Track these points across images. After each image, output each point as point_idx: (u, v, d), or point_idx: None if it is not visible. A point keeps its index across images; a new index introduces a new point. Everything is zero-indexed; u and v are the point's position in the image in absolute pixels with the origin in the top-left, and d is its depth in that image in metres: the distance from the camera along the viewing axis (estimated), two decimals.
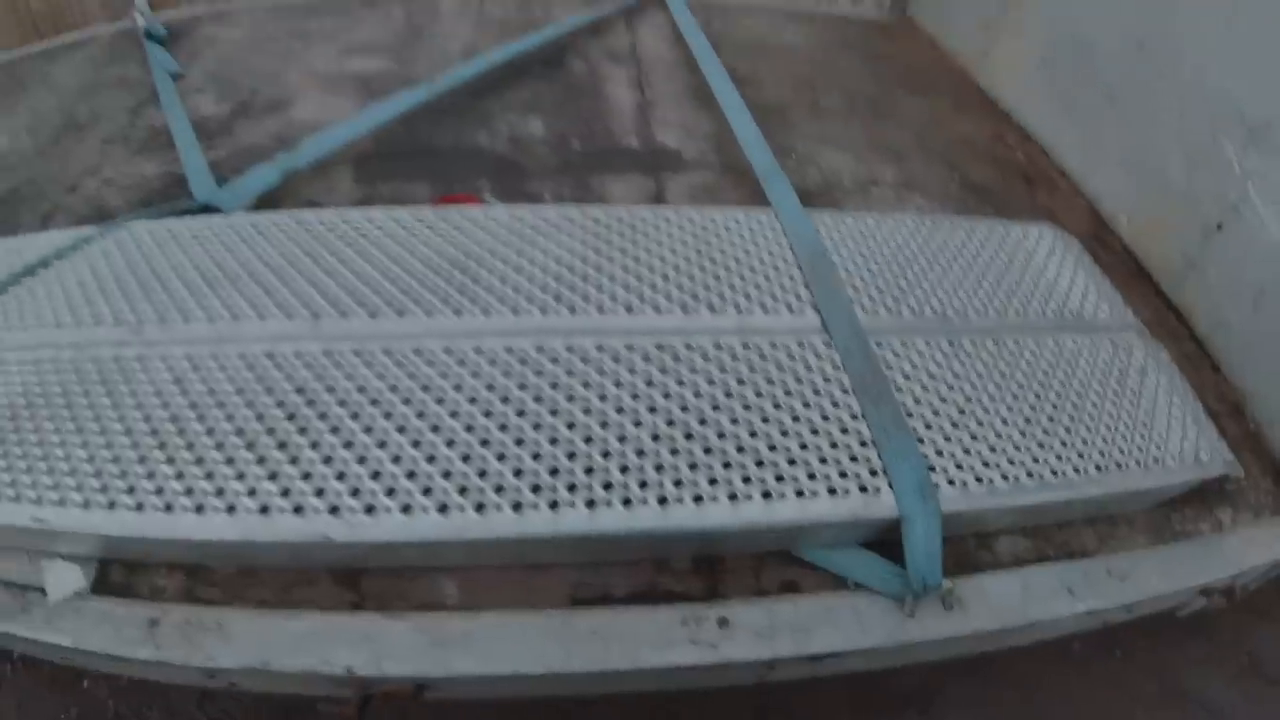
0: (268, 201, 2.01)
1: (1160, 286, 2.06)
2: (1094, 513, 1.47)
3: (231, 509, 1.24)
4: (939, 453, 1.36)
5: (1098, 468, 1.40)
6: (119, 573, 1.39)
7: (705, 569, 1.32)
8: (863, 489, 1.28)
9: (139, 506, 1.28)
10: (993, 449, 1.39)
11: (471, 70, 2.50)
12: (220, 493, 1.26)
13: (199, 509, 1.25)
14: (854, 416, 1.39)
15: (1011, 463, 1.37)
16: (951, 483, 1.32)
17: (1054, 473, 1.37)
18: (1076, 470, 1.39)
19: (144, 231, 1.83)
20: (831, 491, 1.27)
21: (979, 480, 1.33)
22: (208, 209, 1.94)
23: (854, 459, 1.32)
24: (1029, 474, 1.36)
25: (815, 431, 1.36)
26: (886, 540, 1.32)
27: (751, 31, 3.13)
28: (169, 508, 1.26)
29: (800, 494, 1.26)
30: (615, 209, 1.77)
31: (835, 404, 1.41)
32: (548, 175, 2.14)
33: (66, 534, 1.33)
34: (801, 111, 2.55)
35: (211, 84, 2.73)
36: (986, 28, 2.94)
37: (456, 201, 1.89)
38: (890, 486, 1.29)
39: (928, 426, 1.40)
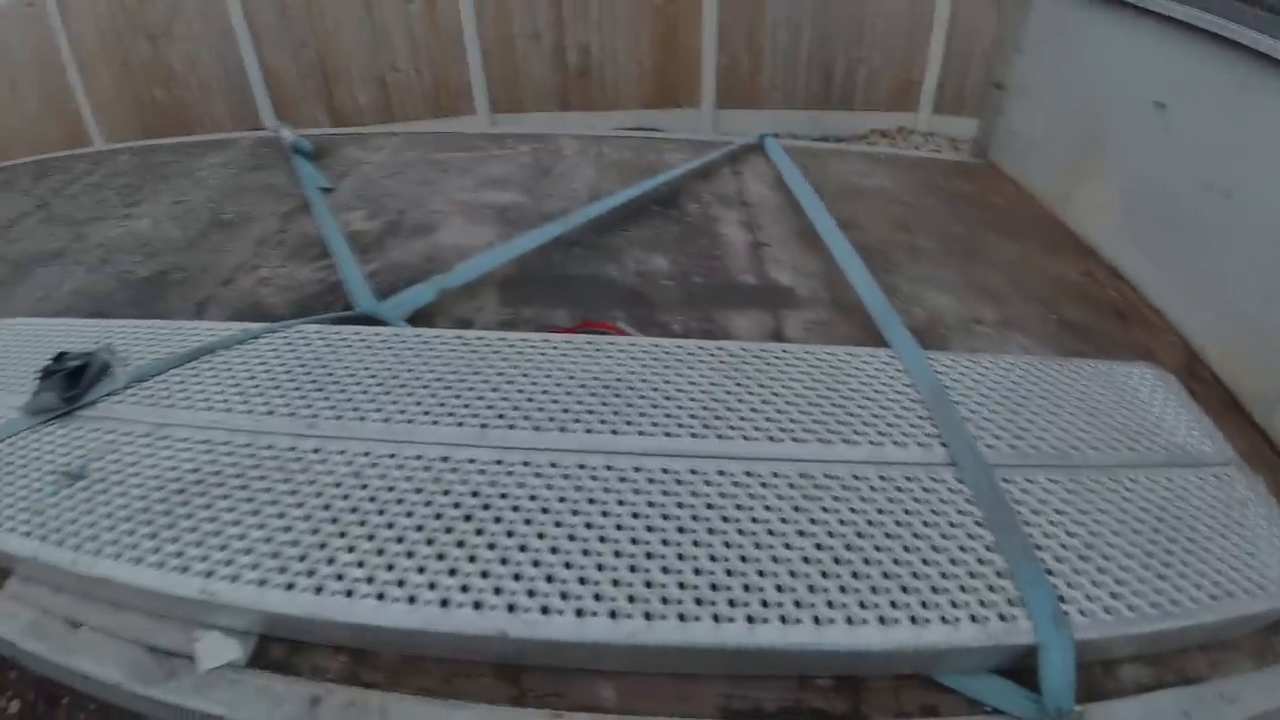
0: (422, 315, 2.21)
1: (1254, 418, 2.10)
2: (1206, 638, 1.51)
3: (412, 599, 1.34)
4: (1069, 584, 1.42)
5: (1211, 596, 1.45)
6: (279, 650, 1.45)
7: (848, 689, 1.37)
8: (1001, 617, 1.35)
9: (318, 590, 1.38)
10: (1118, 581, 1.45)
11: (600, 209, 2.76)
12: (401, 583, 1.37)
13: (380, 596, 1.35)
14: (989, 549, 1.47)
15: (1135, 594, 1.43)
16: (1082, 613, 1.38)
17: (1173, 602, 1.43)
18: (1193, 599, 1.44)
19: (313, 333, 2.02)
20: (973, 619, 1.34)
21: (1107, 611, 1.39)
22: (370, 319, 2.14)
23: (992, 589, 1.39)
24: (1151, 604, 1.41)
25: (954, 562, 1.43)
26: (1018, 668, 1.37)
27: (844, 176, 3.36)
28: (349, 594, 1.37)
29: (945, 620, 1.33)
30: (750, 345, 1.93)
31: (971, 536, 1.49)
32: (674, 307, 2.31)
33: (233, 609, 1.41)
34: (900, 252, 2.71)
35: (361, 202, 3.01)
36: (1068, 172, 3.10)
37: (597, 328, 2.06)
38: (1028, 616, 1.35)
39: (1058, 559, 1.46)
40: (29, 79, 7.44)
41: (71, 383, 1.91)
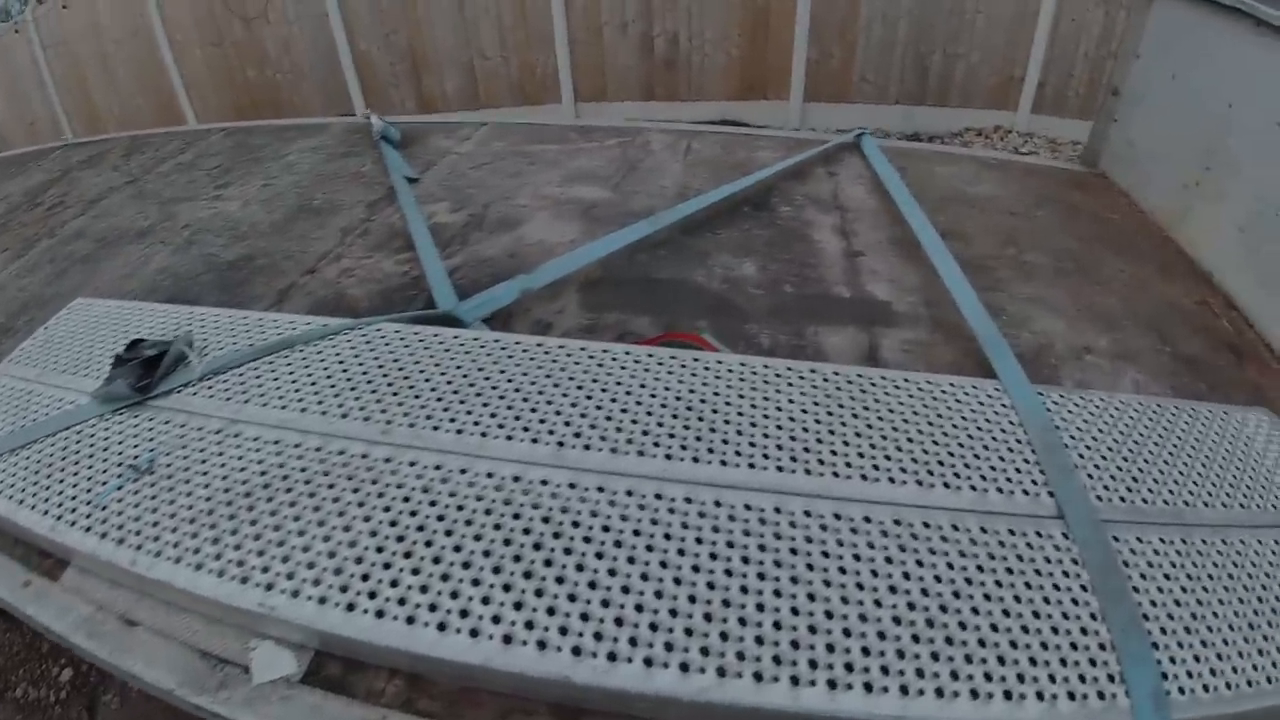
0: (502, 316, 2.16)
1: None
2: None
3: (475, 632, 1.29)
4: (1172, 659, 1.30)
5: None
6: (335, 667, 1.41)
7: None
8: (1100, 695, 1.23)
9: (380, 613, 1.34)
10: (1220, 656, 1.32)
11: (689, 209, 2.66)
12: (465, 613, 1.31)
13: (441, 627, 1.30)
14: (1094, 616, 1.33)
15: (1235, 670, 1.30)
16: (1182, 691, 1.26)
17: (1269, 680, 1.31)
18: None
19: (393, 333, 1.98)
20: (1071, 696, 1.22)
21: (1206, 689, 1.27)
22: (449, 319, 2.10)
23: (1094, 663, 1.27)
24: (1249, 682, 1.30)
25: (1056, 630, 1.30)
26: None
27: (948, 181, 3.16)
28: (410, 620, 1.32)
29: (1040, 696, 1.22)
30: (845, 369, 1.80)
31: (1075, 601, 1.35)
32: (763, 319, 2.19)
33: (291, 624, 1.38)
34: (1008, 269, 2.53)
35: (447, 193, 2.99)
36: (1185, 189, 2.87)
37: (681, 339, 1.97)
38: (1127, 694, 1.23)
39: (1163, 630, 1.33)
40: (123, 55, 7.74)
41: (146, 371, 1.90)
